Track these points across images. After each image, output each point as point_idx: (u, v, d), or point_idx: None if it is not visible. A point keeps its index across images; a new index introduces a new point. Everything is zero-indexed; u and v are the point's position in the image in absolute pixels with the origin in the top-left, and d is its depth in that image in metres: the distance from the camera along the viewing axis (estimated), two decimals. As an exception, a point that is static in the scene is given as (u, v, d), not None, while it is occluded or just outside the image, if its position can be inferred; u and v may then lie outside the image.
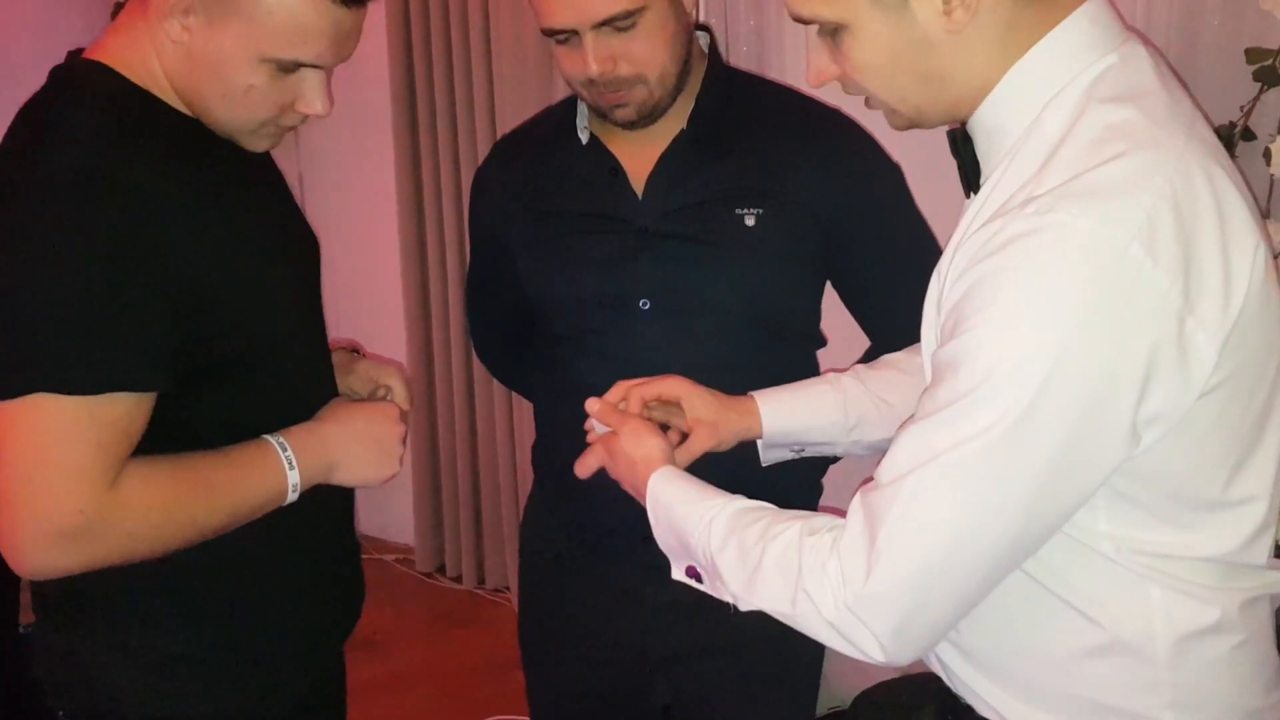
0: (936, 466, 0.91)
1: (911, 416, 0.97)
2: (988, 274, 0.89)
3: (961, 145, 1.04)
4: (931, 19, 0.95)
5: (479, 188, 1.71)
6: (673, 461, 1.26)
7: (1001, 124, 0.99)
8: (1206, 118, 1.03)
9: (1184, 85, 1.04)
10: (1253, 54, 1.86)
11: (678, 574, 1.23)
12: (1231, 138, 1.90)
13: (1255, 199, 0.99)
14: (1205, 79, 1.94)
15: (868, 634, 0.96)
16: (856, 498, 0.99)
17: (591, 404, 1.35)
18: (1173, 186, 0.88)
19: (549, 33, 1.41)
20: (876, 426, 1.37)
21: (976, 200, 1.00)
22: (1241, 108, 1.88)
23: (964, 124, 1.04)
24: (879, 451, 1.36)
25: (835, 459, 1.56)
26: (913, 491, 0.92)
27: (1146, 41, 1.02)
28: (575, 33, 1.38)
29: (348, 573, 1.48)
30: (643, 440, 1.27)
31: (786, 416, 1.38)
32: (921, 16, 0.95)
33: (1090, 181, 0.88)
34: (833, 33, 1.00)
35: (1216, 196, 0.91)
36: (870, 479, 1.00)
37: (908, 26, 0.96)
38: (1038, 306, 0.87)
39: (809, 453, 1.43)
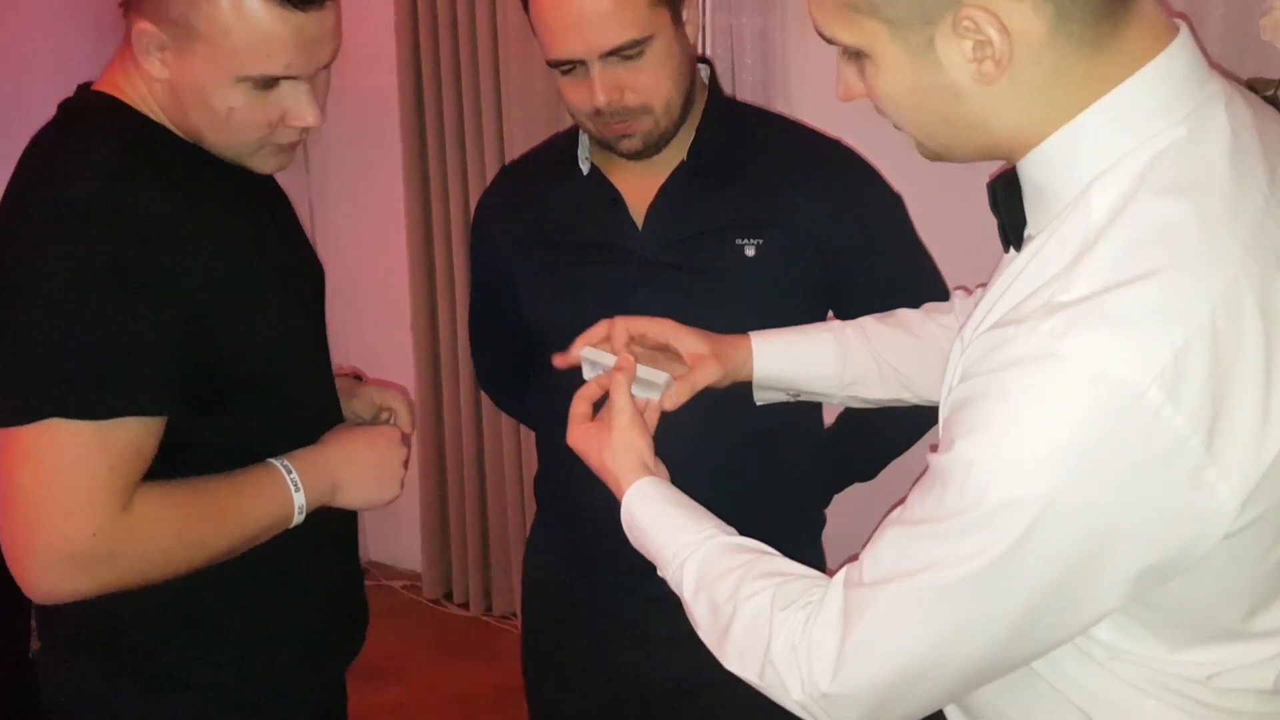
0: (915, 585, 0.86)
1: (904, 503, 0.92)
2: (991, 391, 0.81)
3: (1002, 198, 0.94)
4: (959, 65, 0.85)
5: (481, 215, 1.73)
6: (653, 471, 1.21)
7: (1049, 185, 0.89)
8: None
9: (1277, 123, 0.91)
10: (1255, 84, 1.87)
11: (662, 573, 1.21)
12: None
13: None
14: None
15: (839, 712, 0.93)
16: (840, 576, 0.96)
17: (576, 345, 1.33)
18: (1214, 320, 0.77)
19: (555, 64, 1.42)
20: (874, 386, 1.35)
21: (1012, 268, 0.90)
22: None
23: (1006, 167, 0.96)
24: (876, 405, 1.37)
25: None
26: (888, 604, 0.88)
27: (1230, 77, 0.91)
28: (582, 63, 1.39)
29: (351, 596, 1.49)
30: (633, 442, 1.21)
31: (780, 360, 1.35)
32: (947, 62, 0.86)
33: (1117, 304, 0.78)
34: (855, 55, 0.92)
35: (1269, 328, 0.78)
36: (856, 557, 0.96)
37: (932, 69, 0.87)
38: (1033, 446, 0.79)
39: (804, 399, 1.41)
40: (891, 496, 1.02)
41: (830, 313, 1.60)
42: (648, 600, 1.54)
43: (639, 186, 1.52)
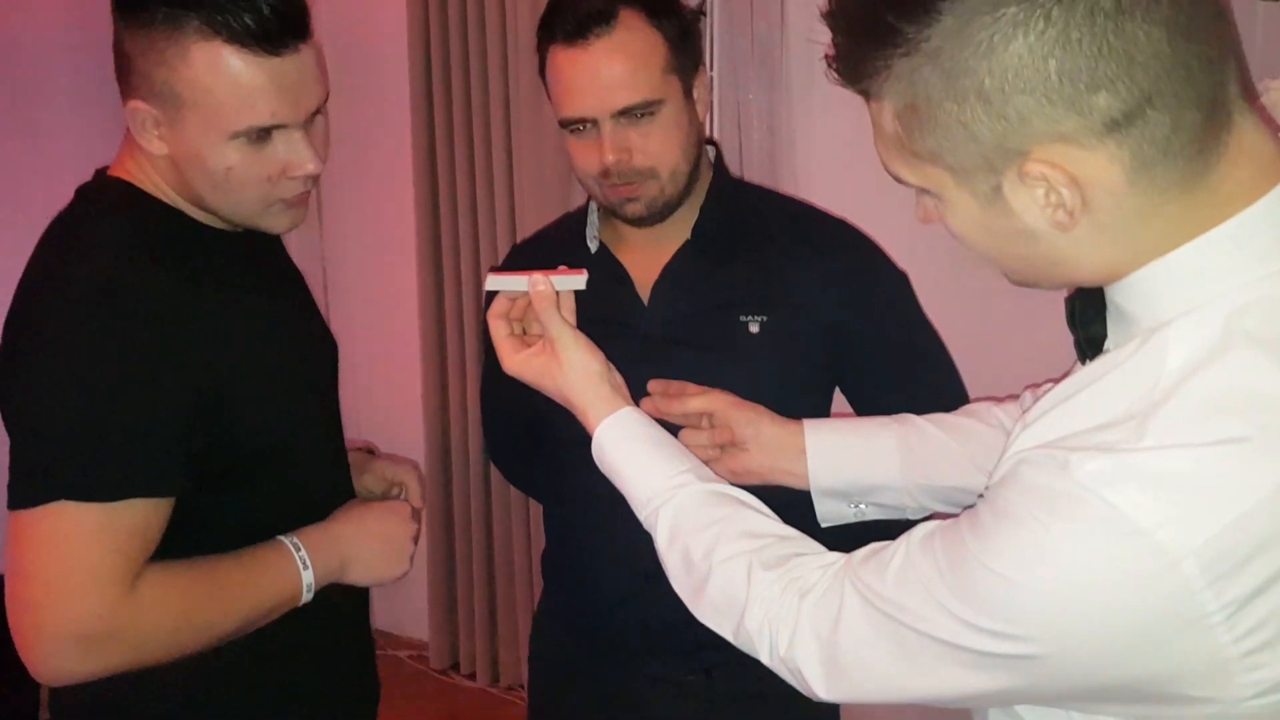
0: (917, 638, 0.87)
1: (939, 527, 0.91)
2: (1025, 510, 0.79)
3: (1080, 314, 0.91)
4: (1032, 211, 0.81)
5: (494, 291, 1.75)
6: (619, 394, 1.20)
7: (1133, 312, 0.84)
8: None
9: None
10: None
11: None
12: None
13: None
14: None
15: (806, 683, 0.96)
16: (841, 566, 0.96)
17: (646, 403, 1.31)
18: (1275, 500, 0.72)
19: (567, 122, 1.45)
20: (946, 467, 1.26)
21: (1082, 376, 0.86)
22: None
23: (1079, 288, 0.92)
24: (947, 501, 1.27)
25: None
26: (885, 636, 0.89)
27: None
28: (594, 123, 1.43)
29: (362, 672, 1.48)
30: (587, 366, 1.20)
31: (835, 437, 1.29)
32: (1019, 208, 0.81)
33: (1177, 464, 0.73)
34: (924, 190, 0.88)
35: None
36: (881, 546, 0.96)
37: (1003, 214, 0.83)
38: (1056, 584, 0.77)
39: (870, 511, 1.32)
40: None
41: (837, 390, 1.61)
42: (653, 680, 1.55)
43: (645, 265, 1.55)
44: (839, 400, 1.63)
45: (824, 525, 1.34)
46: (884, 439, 1.28)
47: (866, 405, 1.60)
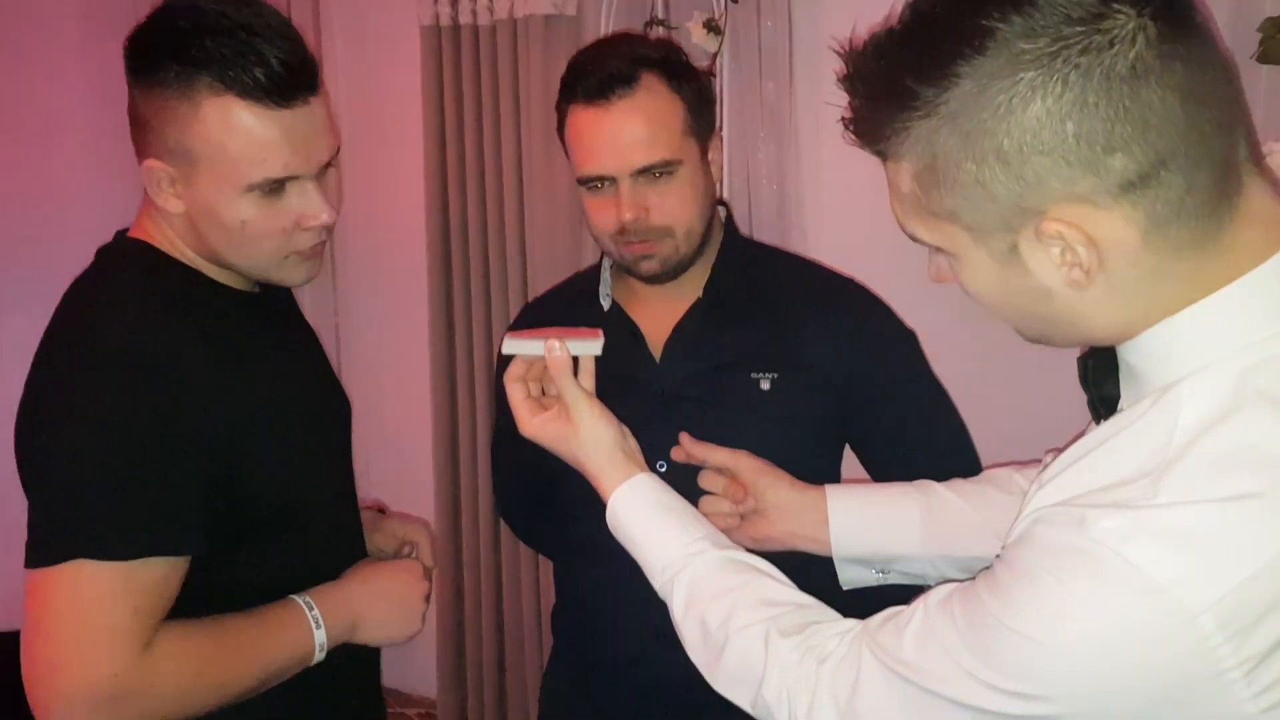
0: (929, 689, 0.87)
1: (957, 590, 0.91)
2: (1042, 568, 0.79)
3: (1093, 375, 0.92)
4: (1048, 271, 0.82)
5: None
6: (634, 460, 1.20)
7: (1144, 371, 0.85)
8: None
9: None
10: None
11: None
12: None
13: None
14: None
15: None
16: (858, 633, 0.96)
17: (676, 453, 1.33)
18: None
19: (586, 180, 1.48)
20: (967, 537, 1.26)
21: (1096, 435, 0.87)
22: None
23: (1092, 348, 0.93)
24: (967, 569, 1.25)
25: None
26: (899, 694, 0.89)
27: None
28: (612, 181, 1.46)
29: None
30: (601, 434, 1.21)
31: (855, 500, 1.30)
32: (1034, 266, 0.83)
33: (1192, 520, 0.74)
34: (939, 250, 0.90)
35: None
36: (896, 611, 0.96)
37: (1020, 274, 0.84)
38: (1074, 641, 0.77)
39: (893, 576, 1.33)
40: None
41: (848, 447, 1.62)
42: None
43: (657, 322, 1.57)
44: (848, 458, 1.63)
45: (846, 589, 1.34)
46: (906, 508, 1.28)
47: (876, 463, 1.61)
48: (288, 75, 1.19)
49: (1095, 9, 0.76)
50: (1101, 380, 0.91)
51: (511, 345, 1.29)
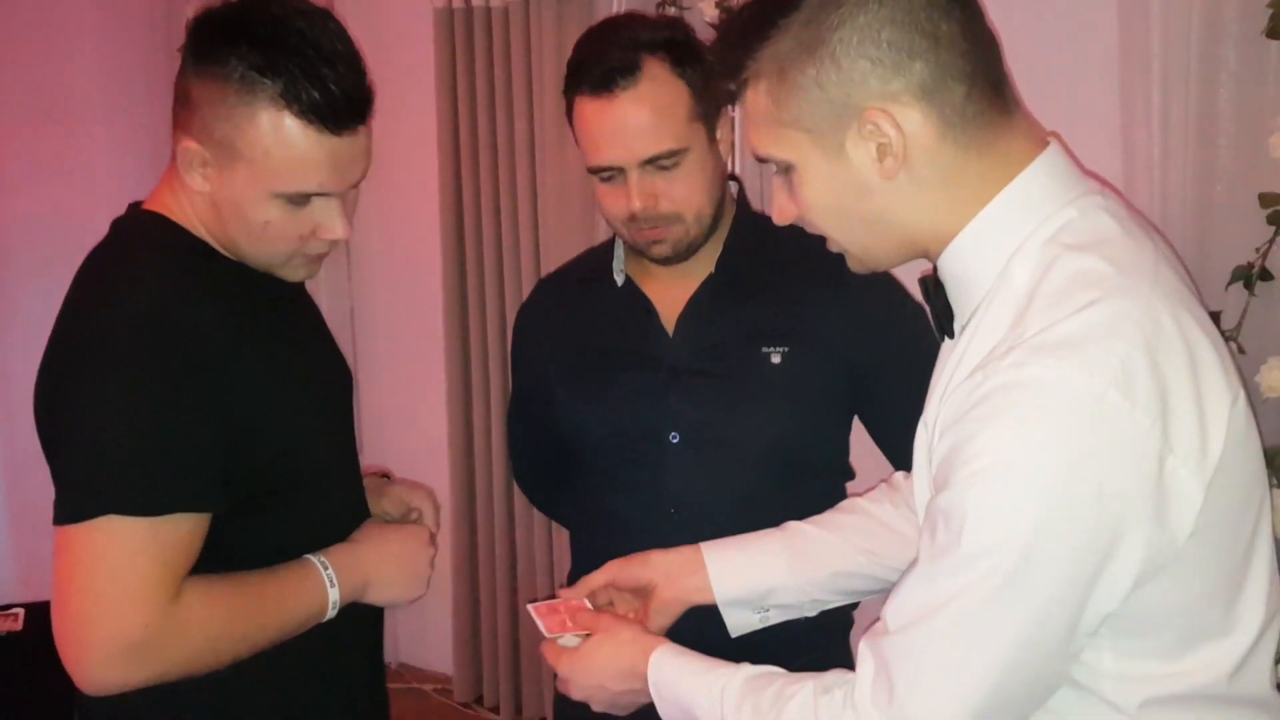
0: (944, 618, 0.94)
1: (915, 560, 1.00)
2: (973, 429, 0.92)
3: (933, 292, 1.09)
4: (866, 165, 1.01)
5: (521, 325, 1.80)
6: (651, 644, 1.27)
7: (968, 274, 1.04)
8: (1182, 262, 1.07)
9: (1156, 230, 1.08)
10: (1266, 199, 1.93)
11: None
12: (1250, 277, 1.96)
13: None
14: (1222, 222, 2.01)
15: None
16: (864, 644, 1.02)
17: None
18: (1144, 332, 0.91)
19: (595, 170, 1.50)
20: (838, 558, 1.39)
21: (955, 349, 1.04)
22: (1257, 250, 1.95)
23: (935, 270, 1.09)
24: (850, 592, 1.42)
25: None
26: (925, 645, 0.96)
27: (1113, 190, 1.07)
28: (621, 170, 1.48)
29: (375, 692, 1.52)
30: (619, 635, 1.29)
31: (730, 549, 1.41)
32: (857, 161, 1.01)
33: (1063, 332, 0.91)
34: (786, 170, 1.07)
35: (1188, 343, 0.93)
36: (876, 621, 1.03)
37: (845, 169, 1.02)
38: (1023, 461, 0.90)
39: (773, 613, 1.43)
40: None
41: (858, 418, 1.64)
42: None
43: (670, 297, 1.59)
44: (857, 431, 1.65)
45: (734, 635, 1.42)
46: (771, 544, 1.42)
47: (886, 436, 1.64)
48: (346, 105, 1.22)
49: None
50: (941, 298, 1.08)
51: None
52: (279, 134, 1.21)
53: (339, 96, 1.21)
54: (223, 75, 1.20)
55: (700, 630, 1.39)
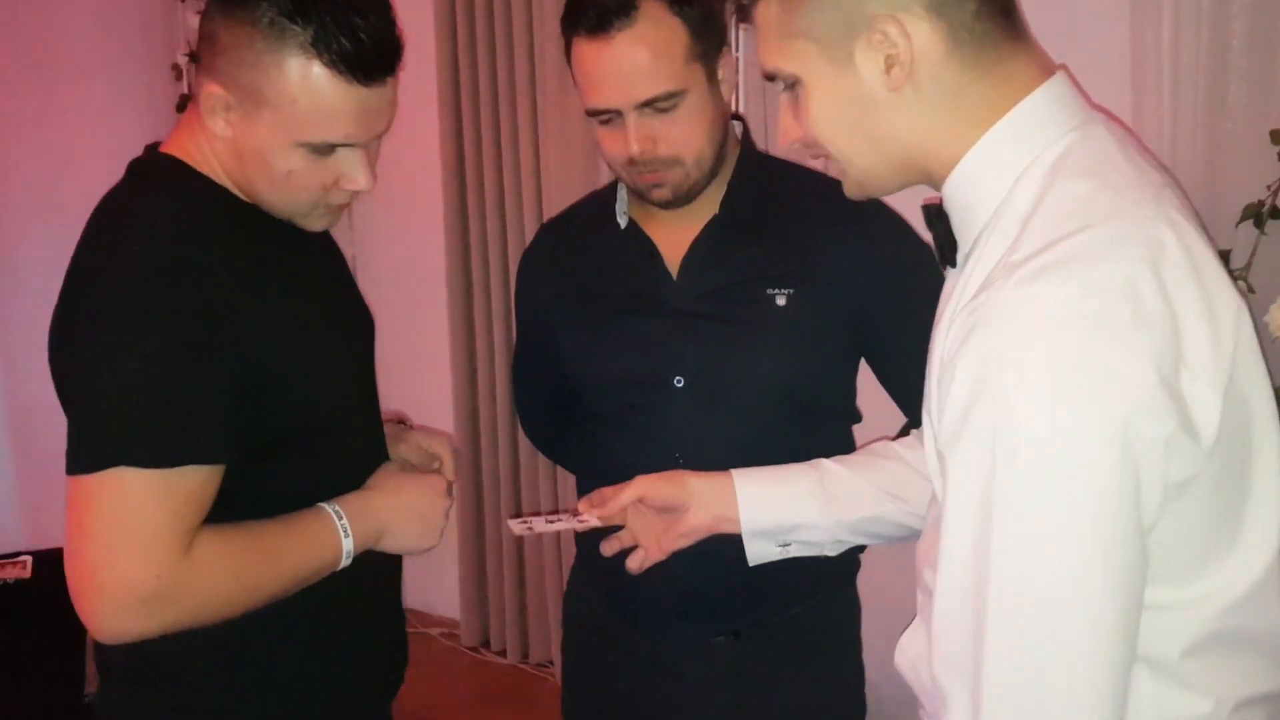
0: (996, 591, 0.90)
1: (939, 517, 0.96)
2: (986, 354, 0.89)
3: (936, 220, 1.08)
4: (874, 76, 1.00)
5: (525, 270, 1.79)
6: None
7: (972, 201, 1.03)
8: (1188, 198, 1.04)
9: (1158, 162, 1.06)
10: (1277, 135, 1.90)
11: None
12: (1260, 216, 1.94)
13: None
14: (1232, 159, 1.99)
15: None
16: (937, 672, 0.97)
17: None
18: (1148, 250, 0.90)
19: (593, 112, 1.48)
20: (864, 502, 1.40)
21: (960, 277, 1.03)
22: (1268, 187, 1.93)
23: (940, 200, 1.07)
24: (869, 534, 1.42)
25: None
26: (995, 626, 0.90)
27: (1112, 118, 1.06)
28: (619, 113, 1.45)
29: (394, 635, 1.52)
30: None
31: (761, 481, 1.43)
32: (865, 73, 1.01)
33: (1067, 250, 0.90)
34: (792, 86, 1.06)
35: (1192, 258, 0.92)
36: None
37: (853, 82, 1.02)
38: (1042, 383, 0.86)
39: (794, 549, 1.43)
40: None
41: (863, 361, 1.63)
42: (684, 642, 1.58)
43: (674, 239, 1.57)
44: (865, 374, 1.65)
45: (752, 564, 1.43)
46: (804, 482, 1.43)
47: (893, 379, 1.63)
48: (376, 55, 1.21)
49: None
50: (944, 226, 1.07)
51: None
52: (307, 83, 1.19)
53: (369, 46, 1.19)
54: (251, 20, 1.19)
55: (719, 550, 1.41)
